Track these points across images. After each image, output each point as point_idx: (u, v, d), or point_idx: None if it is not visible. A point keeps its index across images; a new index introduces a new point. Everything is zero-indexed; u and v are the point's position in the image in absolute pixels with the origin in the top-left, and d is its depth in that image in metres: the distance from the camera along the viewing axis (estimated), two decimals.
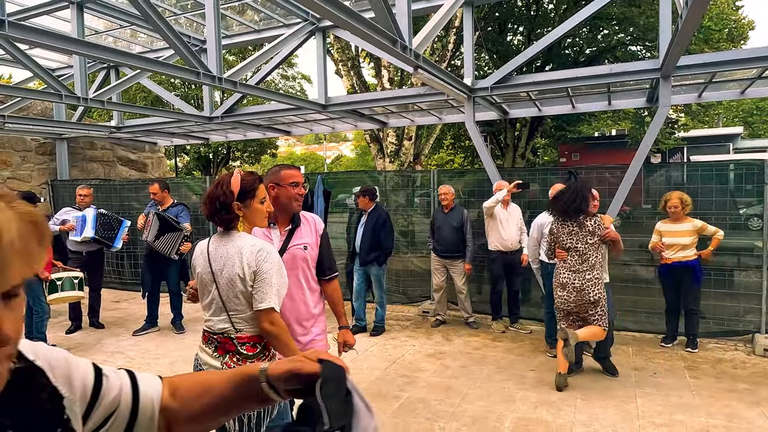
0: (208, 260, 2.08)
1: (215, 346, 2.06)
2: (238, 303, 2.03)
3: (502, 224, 5.65)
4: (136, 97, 17.93)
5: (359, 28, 3.54)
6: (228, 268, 2.02)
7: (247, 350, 2.04)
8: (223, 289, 2.03)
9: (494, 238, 5.71)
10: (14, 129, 8.14)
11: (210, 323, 2.09)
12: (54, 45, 3.74)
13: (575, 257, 4.13)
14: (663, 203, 4.97)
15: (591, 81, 5.52)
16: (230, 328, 2.04)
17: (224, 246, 2.06)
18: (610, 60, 14.23)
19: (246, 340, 2.04)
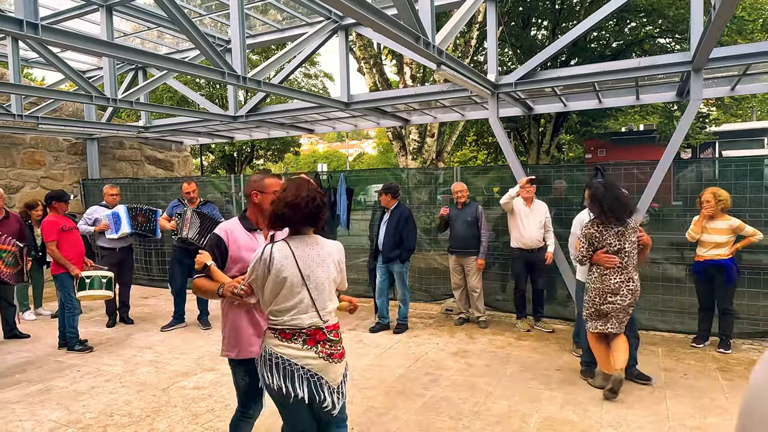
0: (297, 265, 2.21)
1: (304, 339, 2.23)
2: (329, 300, 2.30)
3: (522, 221, 5.58)
4: (162, 98, 18.28)
5: (382, 25, 3.53)
6: (322, 271, 2.27)
7: (334, 336, 2.30)
8: (314, 290, 2.24)
9: (515, 236, 5.65)
10: (47, 130, 8.39)
11: (297, 321, 2.23)
12: (85, 48, 3.84)
13: (625, 259, 3.92)
14: (698, 199, 4.85)
15: (619, 75, 5.39)
16: (319, 321, 2.26)
17: (311, 249, 2.28)
18: (638, 53, 13.88)
19: (333, 328, 2.31)
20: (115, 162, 10.13)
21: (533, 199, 5.62)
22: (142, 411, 3.82)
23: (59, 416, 3.76)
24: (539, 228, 5.57)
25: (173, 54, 7.57)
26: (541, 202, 5.67)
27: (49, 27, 3.56)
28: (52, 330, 5.82)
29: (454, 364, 4.73)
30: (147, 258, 8.78)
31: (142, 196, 8.72)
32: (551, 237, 5.56)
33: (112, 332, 6.01)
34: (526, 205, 5.59)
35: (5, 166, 8.35)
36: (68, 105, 9.06)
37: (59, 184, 8.91)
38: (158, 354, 5.17)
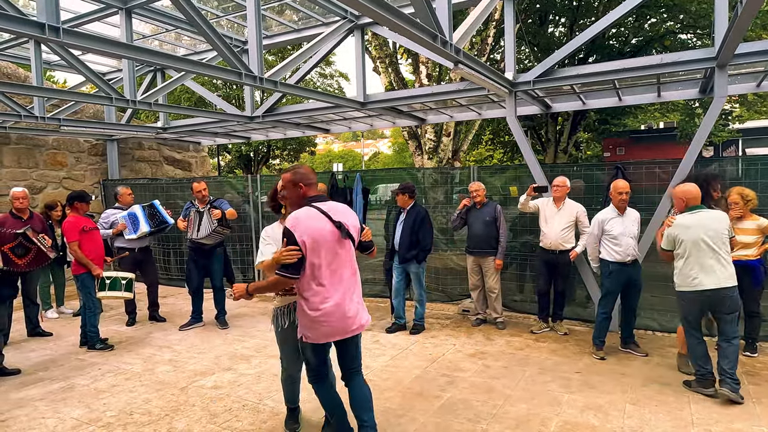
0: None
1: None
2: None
3: (546, 222, 5.49)
4: (180, 99, 18.50)
5: (399, 24, 3.50)
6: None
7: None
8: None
9: (541, 235, 5.56)
10: (69, 131, 8.53)
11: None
12: (105, 50, 3.88)
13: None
14: (724, 200, 4.72)
15: (640, 72, 5.28)
16: None
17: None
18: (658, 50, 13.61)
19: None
20: (134, 162, 10.27)
21: (565, 199, 5.45)
22: (161, 410, 3.86)
23: (81, 414, 3.81)
24: (564, 229, 5.39)
25: (191, 55, 7.64)
26: (574, 204, 5.45)
27: (70, 30, 3.61)
28: (74, 328, 5.92)
29: (472, 365, 4.69)
30: (165, 258, 8.89)
31: (161, 196, 8.82)
32: (583, 239, 5.34)
33: (132, 331, 6.08)
34: (555, 205, 5.48)
35: (29, 167, 8.52)
36: (89, 107, 9.21)
37: (80, 185, 9.06)
38: (177, 353, 5.22)
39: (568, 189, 5.47)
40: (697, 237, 3.82)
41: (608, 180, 5.72)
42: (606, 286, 4.81)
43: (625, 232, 4.69)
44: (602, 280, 4.91)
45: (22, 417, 3.78)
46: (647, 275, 5.06)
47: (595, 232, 4.86)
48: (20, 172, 8.39)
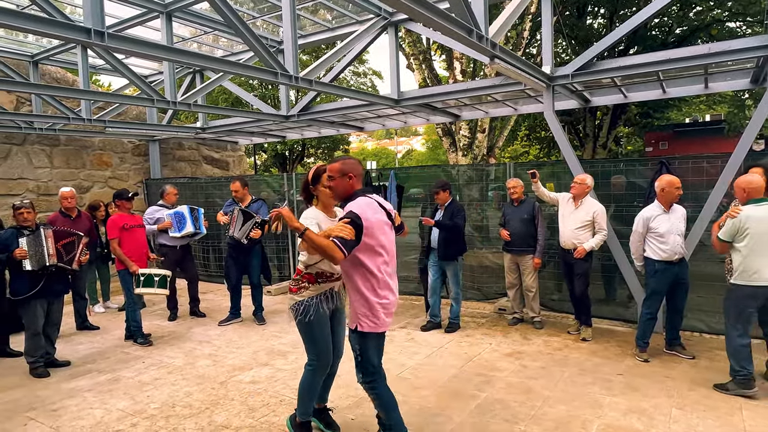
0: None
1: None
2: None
3: (562, 220, 5.33)
4: (218, 100, 18.93)
5: (434, 19, 3.47)
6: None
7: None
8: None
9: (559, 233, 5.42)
10: (114, 132, 8.86)
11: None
12: (148, 53, 4.00)
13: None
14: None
15: (686, 63, 5.05)
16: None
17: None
18: (704, 39, 13.05)
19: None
20: (174, 162, 10.58)
21: (585, 197, 5.22)
22: (202, 403, 3.95)
23: (126, 405, 3.95)
24: (578, 228, 5.15)
25: (228, 56, 7.79)
26: (593, 203, 5.19)
27: (115, 34, 3.73)
28: (119, 323, 6.15)
29: (509, 365, 4.61)
30: (205, 254, 9.12)
31: (200, 194, 9.06)
32: (598, 237, 5.10)
33: (173, 326, 6.27)
34: (573, 203, 5.30)
35: (76, 167, 8.89)
36: (132, 109, 9.53)
37: (124, 184, 9.40)
38: (216, 348, 5.34)
39: (588, 187, 5.21)
40: (765, 230, 3.65)
41: (652, 176, 5.51)
42: (651, 285, 4.63)
43: (671, 230, 4.50)
44: (647, 279, 4.73)
45: (72, 407, 3.95)
46: (694, 275, 4.86)
47: (639, 230, 4.67)
48: (69, 172, 8.77)
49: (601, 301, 6.05)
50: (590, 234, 5.16)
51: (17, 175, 8.03)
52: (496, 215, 7.24)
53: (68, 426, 3.63)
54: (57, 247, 4.75)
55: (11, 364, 4.93)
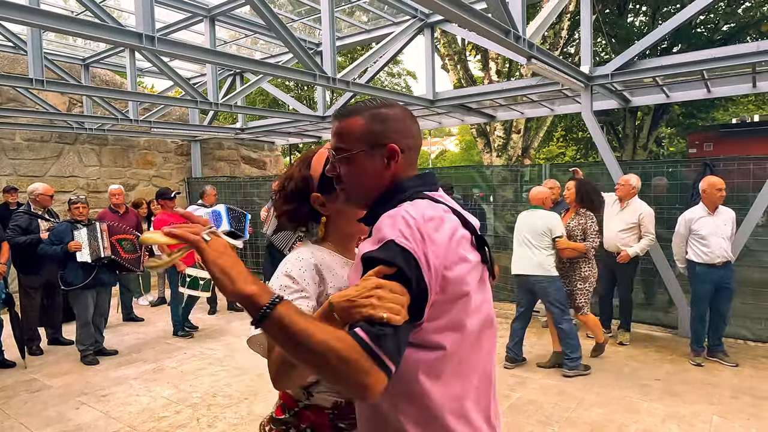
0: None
1: None
2: None
3: (607, 222, 5.22)
4: (255, 101, 19.36)
5: (470, 20, 3.49)
6: None
7: None
8: None
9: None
10: (159, 133, 9.21)
11: None
12: (194, 56, 4.18)
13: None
14: None
15: (733, 62, 4.89)
16: None
17: None
18: (754, 36, 12.53)
19: None
20: (214, 162, 10.91)
21: (631, 199, 5.09)
22: (241, 393, 4.09)
23: (170, 393, 4.13)
24: (623, 231, 5.04)
25: (267, 59, 7.99)
26: (641, 205, 5.04)
27: (164, 39, 3.91)
28: (163, 315, 6.40)
29: (542, 367, 4.58)
30: (242, 251, 9.36)
31: (238, 193, 9.31)
32: (644, 242, 4.96)
33: (214, 319, 6.48)
34: (618, 204, 5.19)
35: (123, 166, 9.28)
36: (175, 110, 9.88)
37: (167, 183, 9.74)
38: None
39: (634, 188, 5.04)
40: None
41: (695, 178, 5.36)
42: (694, 289, 4.54)
43: (715, 232, 4.37)
44: (690, 282, 4.62)
45: (120, 393, 4.16)
46: (740, 280, 4.71)
47: (681, 232, 4.57)
48: (116, 171, 9.16)
49: (640, 306, 5.91)
50: (636, 237, 5.03)
51: (69, 172, 8.46)
52: None
53: (117, 410, 3.83)
54: (111, 241, 5.01)
55: (65, 352, 5.22)
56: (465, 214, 1.16)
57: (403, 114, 1.20)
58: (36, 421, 3.70)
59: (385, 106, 1.18)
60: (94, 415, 3.76)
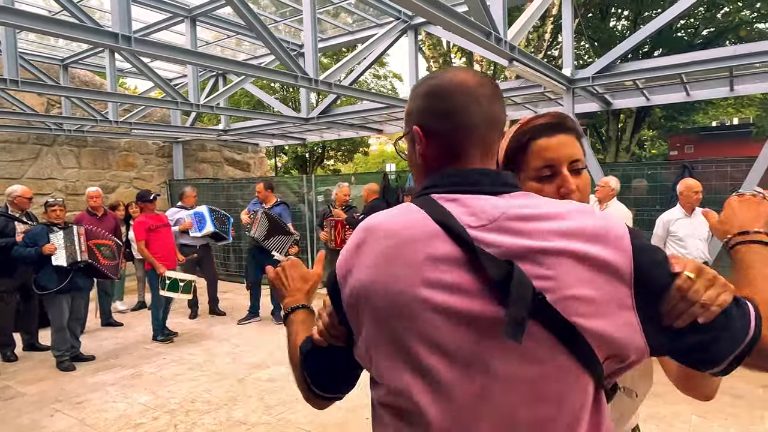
0: None
1: None
2: None
3: None
4: (240, 102, 19.22)
5: (452, 22, 3.49)
6: None
7: None
8: None
9: None
10: (139, 134, 9.08)
11: None
12: (173, 57, 4.12)
13: None
14: None
15: (711, 65, 4.97)
16: None
17: None
18: (733, 41, 12.78)
19: None
20: (197, 163, 10.78)
21: (610, 201, 5.08)
22: (220, 399, 4.03)
23: (147, 400, 4.05)
24: None
25: (250, 60, 7.92)
26: (620, 207, 5.04)
27: (141, 39, 3.85)
28: (143, 319, 6.29)
29: None
30: (225, 254, 9.27)
31: (221, 195, 9.21)
32: None
33: (194, 324, 6.39)
34: (598, 206, 5.20)
35: (103, 168, 9.13)
36: (157, 111, 9.75)
37: (148, 185, 9.61)
38: (235, 346, 5.43)
39: (613, 190, 5.05)
40: None
41: (674, 180, 5.43)
42: None
43: (693, 234, 4.43)
44: None
45: (96, 400, 4.07)
46: None
47: (659, 233, 4.62)
48: (95, 173, 9.01)
49: None
50: None
51: (47, 174, 8.29)
52: None
53: (92, 417, 3.74)
54: (89, 245, 4.91)
55: (41, 358, 5.10)
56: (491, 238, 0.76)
57: (449, 86, 0.88)
58: (8, 429, 3.60)
59: (434, 78, 0.92)
60: (68, 423, 3.67)
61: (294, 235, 6.14)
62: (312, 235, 8.16)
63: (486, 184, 0.84)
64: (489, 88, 0.89)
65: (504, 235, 0.76)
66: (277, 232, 5.99)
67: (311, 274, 1.24)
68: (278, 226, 6.00)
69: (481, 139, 0.87)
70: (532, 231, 0.75)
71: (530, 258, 0.73)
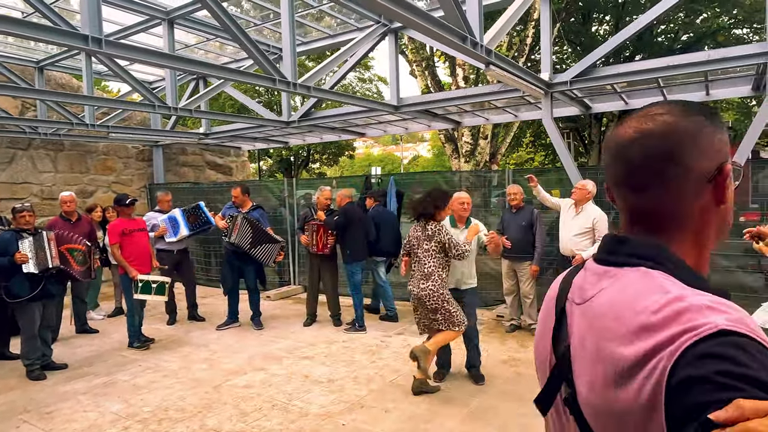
0: None
1: None
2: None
3: (563, 226, 5.29)
4: (225, 106, 19.08)
5: (428, 27, 3.49)
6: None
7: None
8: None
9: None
10: (117, 138, 8.95)
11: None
12: (145, 59, 4.05)
13: (416, 264, 4.13)
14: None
15: (686, 70, 5.03)
16: None
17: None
18: (711, 45, 12.99)
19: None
20: (178, 167, 10.66)
21: (586, 204, 5.16)
22: (195, 407, 3.96)
23: (119, 408, 3.97)
24: (578, 235, 5.08)
25: (231, 63, 7.86)
26: (594, 210, 5.11)
27: (113, 41, 3.79)
28: (119, 326, 6.18)
29: (503, 372, 4.58)
30: (206, 259, 9.16)
31: (202, 199, 9.08)
32: (596, 246, 5.04)
33: (172, 330, 6.29)
34: (574, 209, 5.25)
35: (80, 172, 8.98)
36: (137, 114, 9.63)
37: (128, 189, 9.48)
38: (213, 352, 5.35)
39: (590, 193, 5.13)
40: None
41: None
42: None
43: None
44: None
45: (66, 409, 3.97)
46: None
47: None
48: (72, 177, 8.86)
49: None
50: (590, 241, 5.10)
51: (21, 179, 8.13)
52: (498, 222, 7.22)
53: (60, 428, 3.65)
54: (60, 250, 4.80)
55: (10, 367, 4.97)
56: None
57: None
58: None
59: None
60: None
61: (281, 242, 6.12)
62: (293, 240, 8.10)
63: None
64: None
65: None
66: (263, 240, 5.93)
67: None
68: (262, 234, 5.93)
69: None
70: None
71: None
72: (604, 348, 0.66)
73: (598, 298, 0.72)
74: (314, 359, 5.04)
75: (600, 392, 0.65)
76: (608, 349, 0.65)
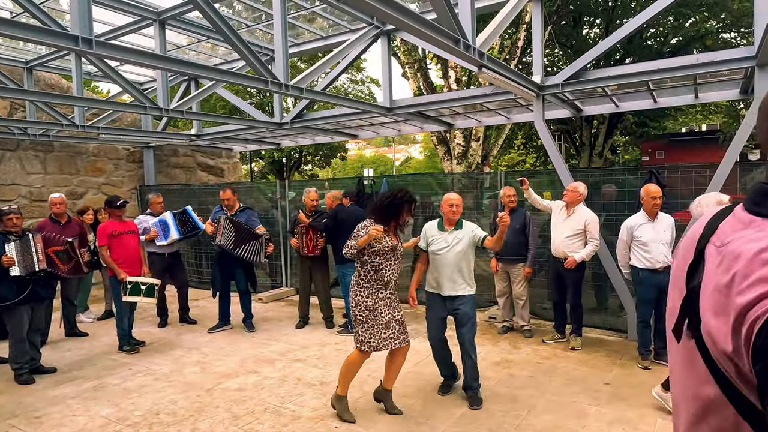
0: None
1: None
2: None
3: (554, 228, 5.31)
4: (216, 107, 18.99)
5: (420, 29, 3.49)
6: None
7: None
8: None
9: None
10: (108, 139, 8.88)
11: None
12: (135, 60, 4.02)
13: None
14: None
15: (675, 73, 5.08)
16: None
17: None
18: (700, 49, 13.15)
19: None
20: (169, 169, 10.59)
21: (577, 206, 5.18)
22: (186, 411, 3.93)
23: (110, 413, 3.93)
24: (569, 237, 5.11)
25: (222, 65, 7.83)
26: (586, 212, 5.16)
27: (103, 42, 3.75)
28: (109, 329, 6.12)
29: (496, 374, 4.59)
30: (198, 261, 9.10)
31: (193, 201, 9.04)
32: (589, 248, 5.05)
33: (163, 333, 6.24)
34: (565, 211, 5.29)
35: (70, 173, 8.90)
36: (127, 116, 9.55)
37: (118, 190, 9.40)
38: (204, 355, 5.32)
39: (581, 195, 5.16)
40: None
41: (641, 185, 5.53)
42: (639, 294, 4.66)
43: (656, 238, 4.51)
44: (635, 288, 4.75)
45: (55, 414, 3.93)
46: None
47: (624, 238, 4.70)
48: (62, 179, 8.77)
49: (592, 310, 6.04)
50: (582, 243, 5.13)
51: (10, 180, 8.04)
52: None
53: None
54: (47, 252, 4.75)
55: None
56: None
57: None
58: None
59: None
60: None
61: (264, 235, 5.99)
62: (285, 242, 8.07)
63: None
64: None
65: None
66: (246, 238, 5.89)
67: None
68: (245, 232, 5.89)
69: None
70: None
71: None
72: (728, 293, 0.71)
73: (736, 244, 0.76)
74: (307, 362, 5.02)
75: (718, 330, 0.71)
76: (731, 294, 0.70)
